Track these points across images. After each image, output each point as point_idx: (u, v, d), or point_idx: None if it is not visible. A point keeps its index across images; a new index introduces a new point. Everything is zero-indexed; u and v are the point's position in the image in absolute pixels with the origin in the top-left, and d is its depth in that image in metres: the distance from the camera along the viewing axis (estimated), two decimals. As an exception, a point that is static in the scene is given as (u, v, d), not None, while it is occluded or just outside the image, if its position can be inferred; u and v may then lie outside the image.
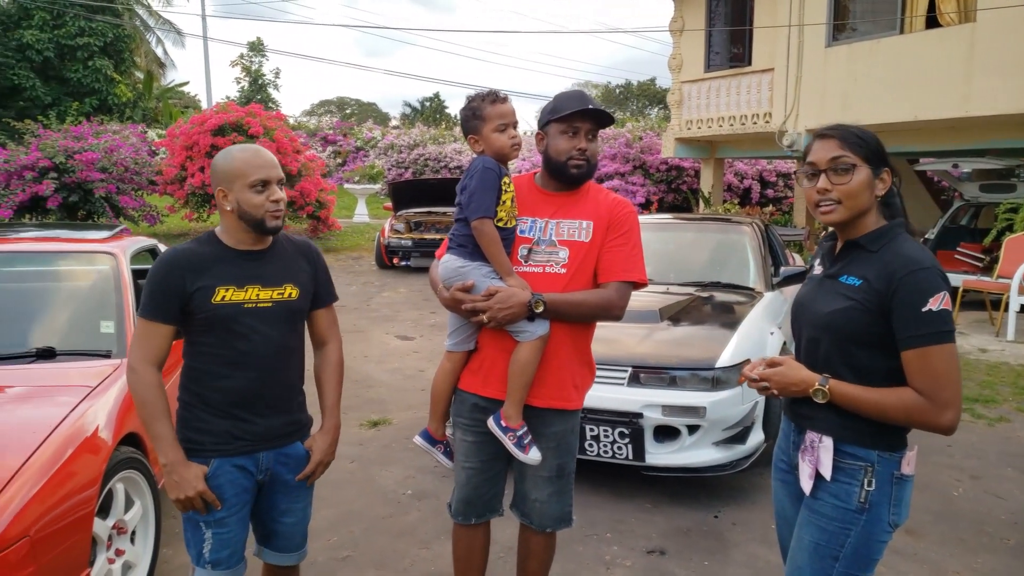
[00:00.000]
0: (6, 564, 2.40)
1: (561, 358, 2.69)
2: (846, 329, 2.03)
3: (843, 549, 2.06)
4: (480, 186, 2.59)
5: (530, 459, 2.66)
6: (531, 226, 2.71)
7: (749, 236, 6.27)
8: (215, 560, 2.43)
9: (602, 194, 2.78)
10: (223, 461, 2.41)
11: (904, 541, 3.94)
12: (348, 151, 29.58)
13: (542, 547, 2.90)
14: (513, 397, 2.64)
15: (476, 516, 2.90)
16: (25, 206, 13.85)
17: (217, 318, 2.37)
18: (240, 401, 2.42)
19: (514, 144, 2.66)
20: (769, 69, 13.90)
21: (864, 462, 2.04)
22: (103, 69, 30.74)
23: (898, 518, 2.07)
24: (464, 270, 2.65)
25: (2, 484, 2.53)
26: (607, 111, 2.67)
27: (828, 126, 2.12)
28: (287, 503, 2.59)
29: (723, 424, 4.25)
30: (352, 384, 6.85)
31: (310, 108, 65.20)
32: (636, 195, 18.66)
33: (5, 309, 3.95)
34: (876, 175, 2.07)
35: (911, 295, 1.92)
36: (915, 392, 1.94)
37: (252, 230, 2.42)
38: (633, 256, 2.68)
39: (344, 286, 12.52)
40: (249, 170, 2.36)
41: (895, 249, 2.02)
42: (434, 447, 2.91)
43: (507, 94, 2.68)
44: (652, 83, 59.36)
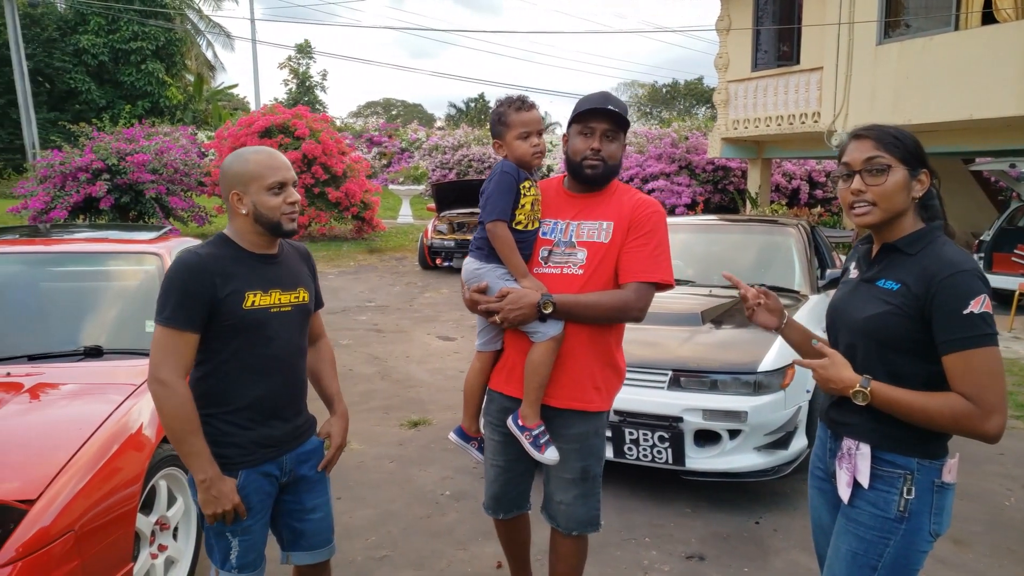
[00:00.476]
0: (52, 557, 2.45)
1: (578, 359, 2.66)
2: (884, 334, 1.98)
3: (882, 559, 2.00)
4: (496, 190, 2.63)
5: (546, 459, 2.66)
6: (552, 228, 2.72)
7: (795, 238, 6.17)
8: (242, 564, 2.43)
9: (628, 195, 2.74)
10: (250, 471, 2.38)
11: (951, 551, 3.85)
12: (393, 152, 29.84)
13: (571, 551, 2.86)
14: (529, 397, 2.65)
15: (504, 512, 2.95)
16: (79, 207, 14.21)
17: (247, 324, 2.32)
18: (268, 408, 2.40)
19: (535, 152, 2.67)
20: (818, 68, 13.70)
21: (903, 470, 1.99)
22: (155, 72, 31.47)
23: (939, 527, 2.01)
24: (480, 272, 2.69)
25: (48, 479, 2.58)
26: (618, 111, 2.62)
27: (864, 126, 2.06)
28: (312, 500, 2.58)
29: (765, 429, 4.19)
30: (393, 384, 6.90)
31: (356, 109, 65.99)
32: (682, 195, 18.53)
33: (56, 308, 4.05)
34: (913, 176, 2.01)
35: (951, 298, 1.87)
36: (961, 397, 1.88)
37: (268, 232, 2.39)
38: (655, 256, 2.62)
39: (387, 287, 12.62)
40: (266, 172, 2.33)
41: (934, 252, 1.96)
42: (468, 443, 2.95)
43: (534, 102, 2.71)
44: (699, 82, 58.82)
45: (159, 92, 32.01)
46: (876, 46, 12.48)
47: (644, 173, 19.33)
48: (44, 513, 2.48)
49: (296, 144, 16.28)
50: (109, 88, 31.78)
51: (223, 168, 2.41)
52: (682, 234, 6.83)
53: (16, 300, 4.07)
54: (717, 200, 19.19)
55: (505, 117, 2.68)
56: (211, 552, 2.45)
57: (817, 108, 13.75)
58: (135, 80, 31.43)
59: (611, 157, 2.65)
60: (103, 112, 28.08)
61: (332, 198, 16.58)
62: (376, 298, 11.63)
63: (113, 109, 29.34)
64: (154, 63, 31.61)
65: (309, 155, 16.19)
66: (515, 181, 2.64)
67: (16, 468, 2.65)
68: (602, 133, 2.63)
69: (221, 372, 2.35)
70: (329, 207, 16.81)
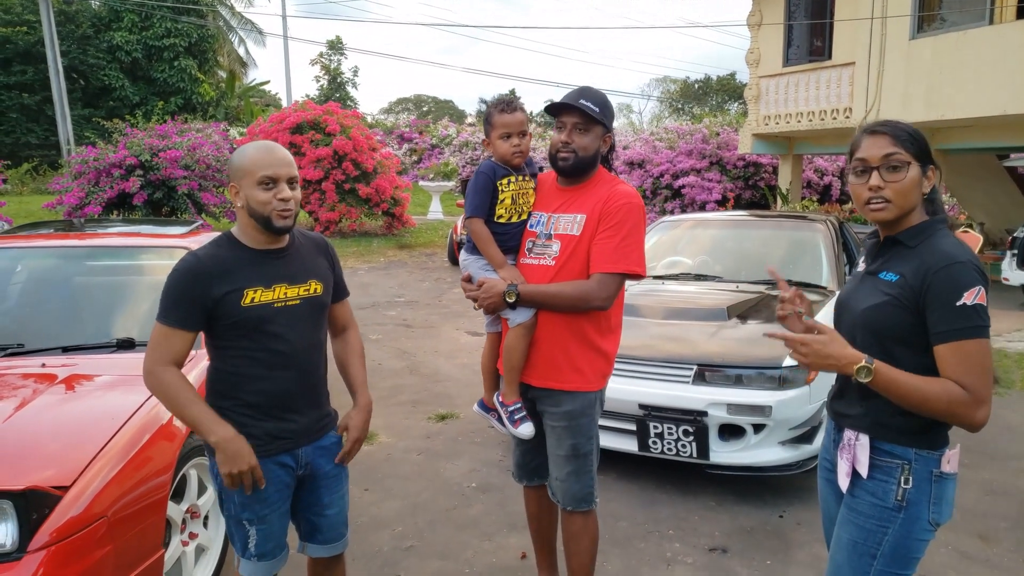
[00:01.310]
0: (85, 542, 2.52)
1: (554, 342, 2.83)
2: (880, 325, 2.01)
3: (880, 547, 2.04)
4: (472, 188, 2.91)
5: (519, 433, 2.92)
6: (537, 220, 2.92)
7: (823, 234, 6.14)
8: (261, 553, 2.49)
9: (606, 186, 2.85)
10: (266, 461, 2.41)
11: (976, 546, 3.82)
12: (424, 148, 29.95)
13: (579, 527, 2.99)
14: (506, 377, 2.92)
15: (527, 479, 3.20)
16: (113, 203, 14.42)
17: (248, 321, 2.34)
18: (281, 402, 2.43)
19: (515, 152, 2.87)
20: (850, 63, 13.55)
21: (901, 460, 2.02)
22: (188, 69, 31.82)
23: (939, 516, 2.03)
24: (466, 263, 2.98)
25: (82, 467, 2.65)
26: (587, 105, 2.75)
27: (878, 122, 2.09)
28: (329, 496, 2.62)
29: (789, 424, 4.19)
30: (421, 378, 6.95)
31: (388, 106, 66.25)
32: (712, 192, 18.39)
33: (89, 301, 4.14)
34: (924, 173, 2.05)
35: (945, 289, 1.90)
36: (957, 384, 1.90)
37: (261, 228, 2.38)
38: (623, 247, 2.73)
39: (417, 282, 12.70)
40: (257, 167, 2.32)
41: (932, 245, 1.99)
42: (488, 414, 3.14)
43: (519, 105, 2.90)
44: (732, 78, 58.40)
45: (192, 89, 32.38)
46: (909, 40, 12.33)
47: (675, 169, 19.21)
48: (78, 500, 2.54)
49: (327, 140, 16.40)
50: (142, 85, 32.22)
51: (229, 163, 2.43)
52: (709, 230, 6.82)
53: (51, 293, 4.17)
54: (748, 196, 19.03)
55: (490, 118, 2.91)
56: (232, 540, 2.51)
57: (849, 104, 13.61)
58: (168, 77, 31.82)
59: (582, 149, 2.79)
60: (136, 108, 28.46)
61: (362, 194, 16.70)
62: (405, 293, 11.71)
63: (146, 105, 29.75)
64: (187, 60, 31.98)
65: (340, 151, 16.32)
66: (490, 180, 2.87)
67: (51, 456, 2.71)
68: (572, 127, 2.79)
69: (231, 367, 2.41)
70: (359, 203, 16.93)
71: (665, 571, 3.62)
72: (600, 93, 2.86)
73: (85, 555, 2.52)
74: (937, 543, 3.84)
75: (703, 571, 3.62)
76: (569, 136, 2.78)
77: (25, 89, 30.14)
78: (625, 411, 4.41)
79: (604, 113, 2.81)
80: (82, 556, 2.51)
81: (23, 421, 2.91)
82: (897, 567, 2.05)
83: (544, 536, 3.30)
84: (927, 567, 3.62)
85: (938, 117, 11.79)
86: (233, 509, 2.44)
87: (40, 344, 3.68)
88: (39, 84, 28.56)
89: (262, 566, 2.51)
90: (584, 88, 2.85)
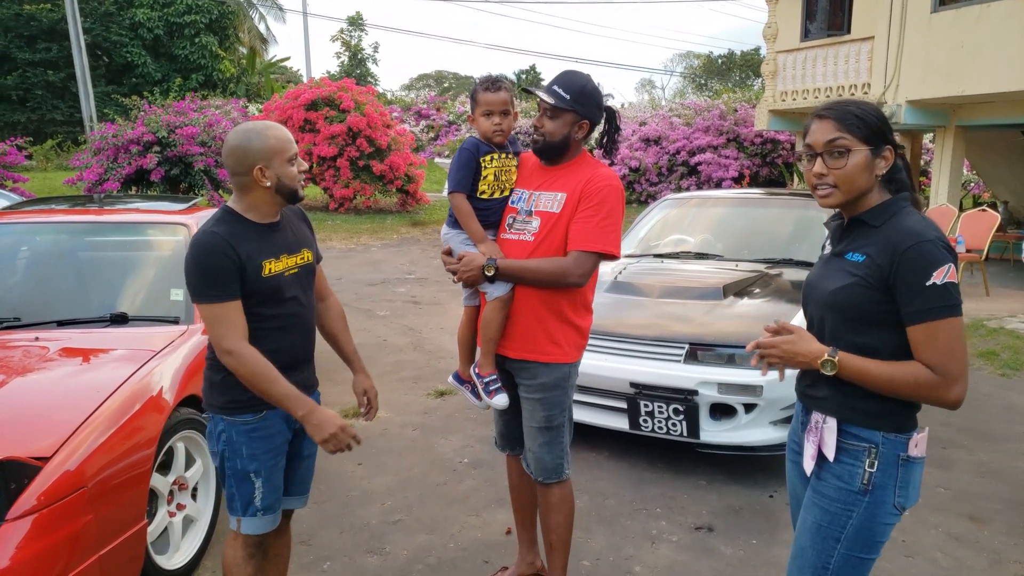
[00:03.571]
0: (65, 512, 2.58)
1: (531, 315, 2.89)
2: (850, 306, 1.98)
3: (845, 530, 2.02)
4: (455, 164, 2.95)
5: (493, 403, 3.00)
6: (519, 197, 2.98)
7: (827, 212, 6.07)
8: (267, 506, 2.57)
9: (588, 168, 2.90)
10: (272, 412, 2.52)
11: (966, 528, 3.81)
12: (441, 125, 29.89)
13: (556, 499, 3.04)
14: (483, 348, 2.98)
15: (510, 448, 3.25)
16: (131, 179, 14.56)
17: (268, 290, 2.47)
18: (290, 360, 2.55)
19: (495, 130, 2.92)
20: (869, 37, 13.33)
21: (868, 443, 2.00)
22: (208, 46, 31.92)
23: (905, 500, 2.01)
24: (447, 237, 3.03)
25: (64, 439, 2.71)
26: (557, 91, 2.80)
27: (826, 104, 2.05)
28: (310, 447, 2.75)
29: (781, 403, 4.18)
30: (425, 355, 6.99)
31: (409, 82, 66.10)
32: (729, 169, 18.27)
33: (85, 276, 4.21)
34: (877, 154, 2.00)
35: (914, 269, 1.87)
36: (925, 366, 1.89)
37: (286, 200, 2.55)
38: (600, 228, 2.79)
39: (428, 259, 12.73)
40: (286, 145, 2.49)
41: (897, 224, 1.96)
42: (463, 386, 3.20)
43: (505, 84, 2.94)
44: (756, 53, 57.65)
45: (212, 65, 32.49)
46: (930, 14, 12.08)
47: (691, 146, 19.08)
48: (59, 470, 2.61)
49: (341, 117, 16.41)
50: (164, 62, 32.37)
51: (240, 145, 2.45)
52: (714, 208, 6.77)
53: (49, 268, 4.24)
54: (765, 173, 18.88)
55: (475, 95, 2.96)
56: (232, 502, 2.56)
57: (868, 79, 13.40)
58: (189, 53, 31.93)
59: (549, 134, 2.86)
60: (158, 85, 28.62)
61: (376, 171, 16.70)
62: (416, 270, 11.75)
63: (168, 82, 29.87)
64: (207, 36, 32.06)
65: (354, 128, 16.32)
66: (473, 156, 2.92)
67: (34, 427, 2.78)
68: (543, 112, 2.87)
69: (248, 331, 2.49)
70: (373, 180, 16.94)
71: (649, 549, 3.64)
72: (580, 78, 2.87)
73: (65, 524, 2.58)
74: (926, 524, 3.83)
75: (687, 550, 3.64)
76: (540, 120, 2.87)
77: (50, 66, 30.40)
78: (616, 389, 4.42)
79: (577, 100, 2.82)
80: (62, 525, 2.57)
81: (10, 392, 2.99)
82: (861, 551, 2.04)
83: (525, 507, 3.33)
84: (915, 549, 3.62)
85: (959, 92, 11.57)
86: (240, 463, 2.51)
87: (36, 318, 3.76)
88: (63, 61, 28.75)
89: (267, 519, 2.59)
90: (565, 72, 2.90)
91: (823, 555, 2.05)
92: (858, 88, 13.65)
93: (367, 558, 3.56)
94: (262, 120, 2.63)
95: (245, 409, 2.50)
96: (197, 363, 3.45)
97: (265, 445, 2.53)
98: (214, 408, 2.53)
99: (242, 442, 2.51)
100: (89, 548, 2.65)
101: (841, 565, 2.04)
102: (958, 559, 3.55)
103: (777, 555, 3.58)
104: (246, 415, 2.50)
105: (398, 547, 3.65)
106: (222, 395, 2.51)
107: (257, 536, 2.60)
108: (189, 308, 3.85)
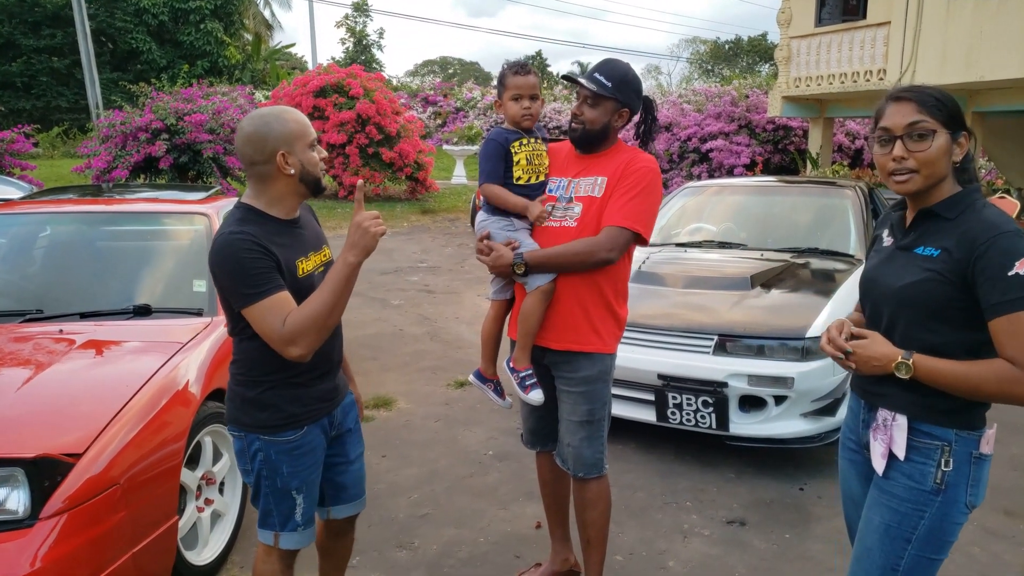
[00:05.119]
0: (99, 508, 2.53)
1: (572, 303, 2.81)
2: (924, 302, 1.91)
3: (916, 531, 1.96)
4: (484, 156, 2.93)
5: (530, 399, 2.90)
6: (557, 185, 2.92)
7: (851, 200, 5.99)
8: (307, 520, 2.46)
9: (627, 153, 2.86)
10: (313, 427, 2.40)
11: (1001, 522, 3.75)
12: (448, 112, 29.75)
13: (593, 494, 2.99)
14: (520, 342, 2.89)
15: (541, 445, 3.17)
16: (140, 166, 14.47)
17: (303, 290, 2.27)
18: (323, 365, 2.42)
19: (525, 115, 2.88)
20: (885, 23, 13.18)
21: (941, 441, 1.93)
22: (214, 32, 31.78)
23: (975, 499, 1.97)
24: (485, 223, 2.94)
25: (95, 434, 2.65)
26: (595, 80, 2.75)
27: (903, 87, 1.97)
28: (355, 450, 2.65)
29: (812, 396, 4.11)
30: (442, 345, 6.94)
31: (414, 68, 65.88)
32: (741, 156, 18.10)
33: (107, 267, 4.14)
34: (954, 140, 1.93)
35: (996, 260, 1.80)
36: (1007, 362, 1.81)
37: (309, 190, 2.36)
38: (634, 205, 2.73)
39: (440, 248, 12.66)
40: (307, 129, 2.32)
41: (974, 216, 1.89)
42: (485, 385, 3.14)
43: (533, 68, 2.93)
44: (763, 38, 57.34)
45: (218, 52, 32.34)
46: (949, 0, 11.95)
47: (703, 132, 18.92)
48: (91, 466, 2.56)
49: (350, 104, 16.29)
50: (169, 48, 32.24)
51: (258, 131, 2.25)
52: (735, 196, 6.69)
53: (70, 259, 4.18)
54: (777, 160, 18.71)
55: (504, 79, 2.90)
56: (267, 518, 2.41)
57: (883, 65, 13.26)
58: (194, 40, 31.80)
59: (590, 122, 2.81)
60: (163, 72, 28.51)
61: (386, 158, 16.59)
62: (428, 259, 11.69)
63: (173, 69, 29.81)
64: (212, 23, 31.91)
65: (363, 115, 16.21)
66: (500, 146, 2.88)
67: (64, 423, 2.72)
68: (583, 99, 2.82)
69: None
70: (383, 167, 16.84)
71: (681, 543, 3.60)
72: (622, 66, 2.83)
73: (98, 521, 2.53)
74: (961, 518, 3.77)
75: (720, 544, 3.59)
76: (579, 108, 2.82)
77: (55, 53, 30.31)
78: (643, 381, 4.36)
79: (619, 88, 2.77)
80: (95, 522, 2.52)
81: (38, 388, 2.92)
82: (931, 551, 1.98)
83: (558, 503, 3.28)
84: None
85: (977, 79, 11.44)
86: (281, 481, 2.36)
87: (58, 310, 3.70)
88: (68, 48, 28.66)
89: (307, 533, 2.48)
90: (606, 60, 2.85)
91: (892, 556, 1.99)
92: (873, 74, 13.51)
93: (397, 553, 3.51)
94: (280, 105, 2.46)
95: (286, 427, 2.33)
96: (221, 355, 3.40)
97: (307, 460, 2.40)
98: (246, 427, 2.34)
99: (283, 461, 2.35)
100: (123, 546, 2.61)
101: (911, 566, 1.98)
102: (995, 554, 3.50)
103: (811, 549, 3.53)
104: (287, 433, 2.34)
105: (427, 541, 3.60)
106: (259, 412, 2.32)
107: (295, 550, 2.50)
108: (212, 299, 3.78)
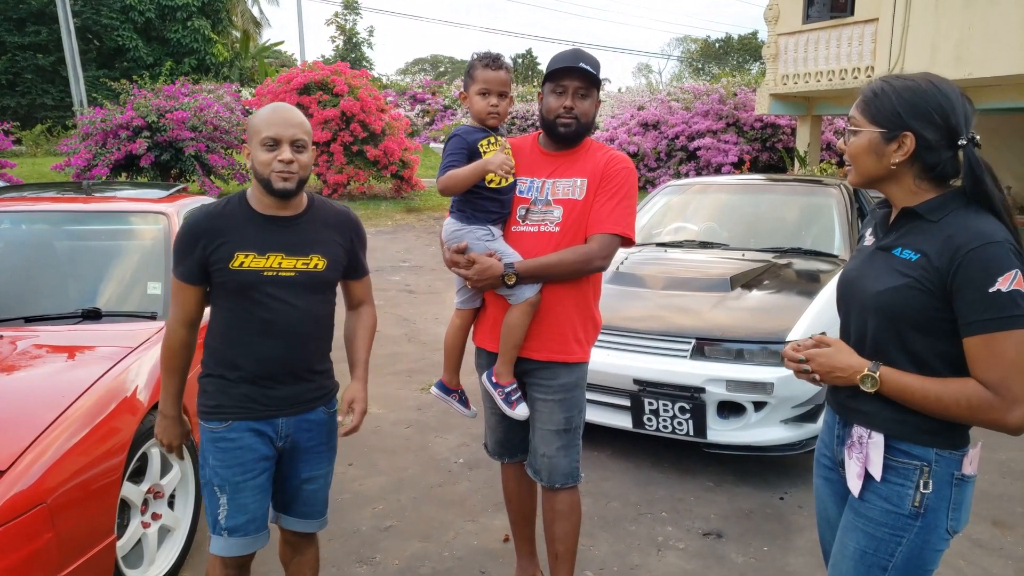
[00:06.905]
0: (22, 530, 2.36)
1: (559, 313, 2.70)
2: (900, 310, 1.73)
3: (893, 558, 1.79)
4: (446, 152, 2.70)
5: (516, 415, 2.76)
6: (529, 186, 2.74)
7: (836, 199, 5.84)
8: (231, 527, 2.36)
9: (601, 151, 2.75)
10: (241, 423, 2.34)
11: (990, 534, 3.61)
12: (436, 110, 29.57)
13: (565, 506, 2.85)
14: (503, 356, 2.73)
15: (509, 456, 3.04)
16: (121, 164, 14.27)
17: (236, 284, 2.29)
18: (262, 368, 2.34)
19: (491, 112, 2.70)
20: (873, 19, 13.05)
21: (920, 461, 1.76)
22: (201, 29, 31.51)
23: (957, 524, 1.79)
24: (460, 233, 2.71)
25: (21, 450, 2.48)
26: (590, 69, 2.61)
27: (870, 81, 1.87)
28: (309, 471, 2.50)
29: (792, 402, 3.96)
30: (419, 347, 6.78)
31: (404, 66, 65.66)
32: (728, 154, 18.02)
33: (57, 270, 3.96)
34: (890, 138, 1.77)
35: (977, 273, 1.63)
36: (979, 384, 1.65)
37: (264, 191, 2.31)
38: (620, 209, 2.65)
39: (423, 247, 12.49)
40: (263, 127, 2.25)
41: (960, 221, 1.70)
42: (449, 396, 3.03)
43: (507, 64, 2.75)
44: (753, 36, 57.32)
45: (205, 49, 32.04)
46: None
47: (690, 130, 18.82)
48: (16, 483, 2.39)
49: (335, 101, 16.10)
50: (156, 46, 31.93)
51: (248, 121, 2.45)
52: (718, 195, 6.54)
53: (17, 260, 3.99)
54: (765, 159, 18.62)
55: (472, 71, 2.73)
56: (207, 515, 2.41)
57: (871, 62, 13.13)
58: (181, 37, 31.49)
59: (584, 115, 2.67)
60: (149, 70, 28.23)
61: (370, 156, 16.39)
62: (411, 258, 11.52)
63: (160, 66, 29.52)
64: (200, 20, 31.61)
65: (347, 112, 16.01)
66: (465, 142, 2.68)
67: (-12, 438, 2.54)
68: (574, 91, 2.65)
69: (219, 326, 2.38)
70: (367, 165, 16.64)
71: (655, 557, 3.44)
72: (593, 55, 2.70)
73: (22, 544, 2.36)
74: (946, 528, 3.63)
75: (696, 558, 3.43)
76: (572, 101, 2.65)
77: (40, 50, 29.97)
78: (619, 386, 4.20)
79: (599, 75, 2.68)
80: (19, 545, 2.35)
81: (-34, 399, 2.75)
82: None
83: (524, 517, 3.15)
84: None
85: (966, 75, 11.31)
86: (207, 472, 2.37)
87: (1, 314, 3.51)
88: (53, 45, 28.31)
89: (232, 542, 2.36)
90: (578, 50, 2.70)
91: None
92: (861, 72, 13.39)
93: (356, 568, 3.35)
94: (282, 103, 2.42)
95: (213, 415, 2.36)
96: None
97: (230, 458, 2.33)
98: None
99: (209, 450, 2.36)
100: (49, 569, 2.43)
101: None
102: (984, 568, 3.35)
103: (790, 564, 3.38)
104: (212, 422, 2.36)
105: (390, 556, 3.44)
106: (200, 396, 2.42)
107: (235, 558, 2.39)
108: (167, 303, 3.62)
